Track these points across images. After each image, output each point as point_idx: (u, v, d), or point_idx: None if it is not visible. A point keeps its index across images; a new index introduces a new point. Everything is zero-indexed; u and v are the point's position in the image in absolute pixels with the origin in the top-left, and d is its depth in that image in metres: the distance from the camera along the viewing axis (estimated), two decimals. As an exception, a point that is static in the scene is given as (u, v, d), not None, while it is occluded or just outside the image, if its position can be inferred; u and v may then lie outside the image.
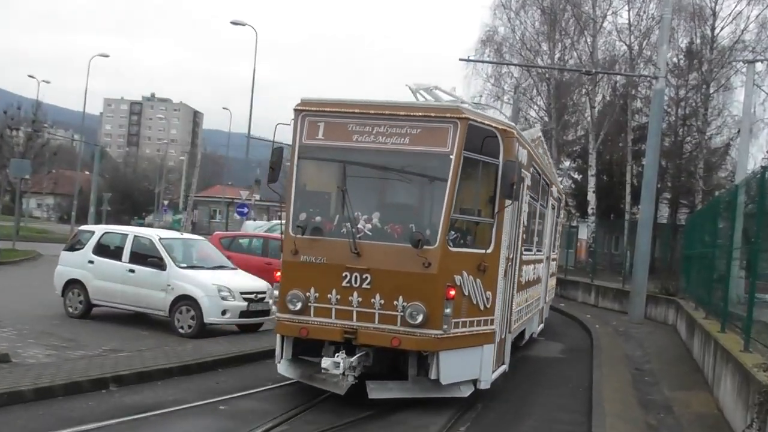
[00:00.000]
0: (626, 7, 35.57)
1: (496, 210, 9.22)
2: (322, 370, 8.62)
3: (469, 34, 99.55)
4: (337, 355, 8.60)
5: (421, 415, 9.10)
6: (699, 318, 13.94)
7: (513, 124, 10.13)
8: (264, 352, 12.04)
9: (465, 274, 8.90)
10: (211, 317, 13.01)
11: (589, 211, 35.62)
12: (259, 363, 11.58)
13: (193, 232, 49.03)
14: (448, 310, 8.65)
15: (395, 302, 8.59)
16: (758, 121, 32.21)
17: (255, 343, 12.52)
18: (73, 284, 14.40)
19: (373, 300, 8.64)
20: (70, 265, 14.62)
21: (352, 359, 8.58)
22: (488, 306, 9.35)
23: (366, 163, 9.20)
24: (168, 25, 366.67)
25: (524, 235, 11.28)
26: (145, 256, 13.76)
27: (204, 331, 13.05)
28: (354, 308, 8.70)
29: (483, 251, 9.18)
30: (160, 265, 13.48)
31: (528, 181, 11.11)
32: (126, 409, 8.36)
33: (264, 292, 13.82)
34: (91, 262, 14.30)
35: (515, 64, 37.14)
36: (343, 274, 8.69)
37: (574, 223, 37.74)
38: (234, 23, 38.42)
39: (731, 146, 35.87)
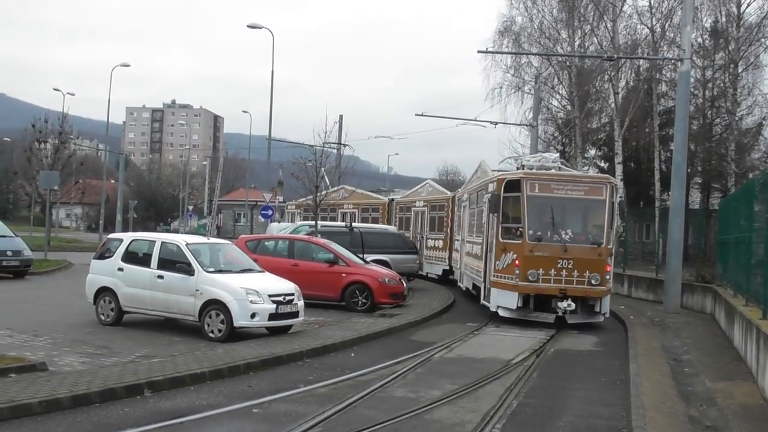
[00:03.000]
0: (646, -12, 34.96)
1: (614, 225, 17.73)
2: (558, 309, 16.63)
3: (487, 24, 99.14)
4: (564, 301, 16.59)
5: (456, 412, 9.05)
6: (739, 305, 13.70)
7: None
8: (295, 354, 12.07)
9: (609, 258, 17.15)
10: (240, 321, 13.04)
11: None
12: (290, 365, 11.60)
13: (219, 236, 49.38)
14: (608, 277, 17.08)
15: (584, 274, 16.63)
16: (791, 98, 31.49)
17: (285, 346, 12.53)
18: (104, 292, 14.53)
19: (573, 273, 16.64)
20: (101, 273, 14.76)
21: (569, 303, 16.65)
22: (611, 274, 17.61)
23: (562, 205, 17.17)
24: (185, 32, 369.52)
25: None
26: (173, 262, 13.83)
27: (234, 334, 13.09)
28: (563, 278, 16.65)
29: (610, 246, 17.21)
30: (188, 270, 13.53)
31: None
32: (161, 414, 8.41)
33: (292, 294, 13.83)
34: (120, 269, 14.41)
35: (535, 54, 36.75)
36: (557, 261, 16.64)
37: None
38: (251, 27, 38.49)
39: (764, 126, 35.20)
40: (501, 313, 17.34)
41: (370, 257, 21.27)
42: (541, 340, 15.19)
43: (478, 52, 28.79)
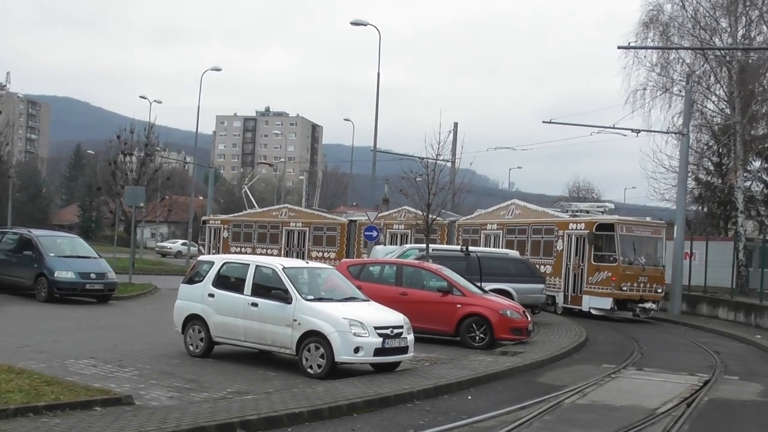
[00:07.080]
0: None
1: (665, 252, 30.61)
2: (638, 309, 28.37)
3: (628, 15, 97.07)
4: (645, 302, 28.15)
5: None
6: None
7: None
8: (404, 395, 12.20)
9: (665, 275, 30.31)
10: (342, 355, 13.27)
11: (789, 220, 33.75)
12: (398, 407, 11.75)
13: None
14: (664, 286, 29.73)
15: (653, 285, 28.25)
16: None
17: (393, 385, 12.69)
18: (193, 320, 15.10)
19: (647, 285, 28.04)
20: (190, 299, 15.34)
21: (651, 304, 28.68)
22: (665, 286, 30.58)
23: (640, 241, 29.01)
24: (282, 31, 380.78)
25: None
26: (269, 288, 14.25)
27: (335, 371, 13.35)
28: (641, 288, 27.97)
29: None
30: (285, 297, 13.91)
31: None
32: (256, 458, 8.68)
33: (401, 327, 13.98)
34: (211, 295, 14.94)
35: (687, 48, 35.83)
36: (639, 277, 27.89)
37: (769, 237, 35.78)
38: (354, 24, 39.27)
39: None
40: (593, 312, 28.13)
41: (489, 286, 21.23)
42: (693, 387, 14.76)
43: (619, 47, 28.42)
